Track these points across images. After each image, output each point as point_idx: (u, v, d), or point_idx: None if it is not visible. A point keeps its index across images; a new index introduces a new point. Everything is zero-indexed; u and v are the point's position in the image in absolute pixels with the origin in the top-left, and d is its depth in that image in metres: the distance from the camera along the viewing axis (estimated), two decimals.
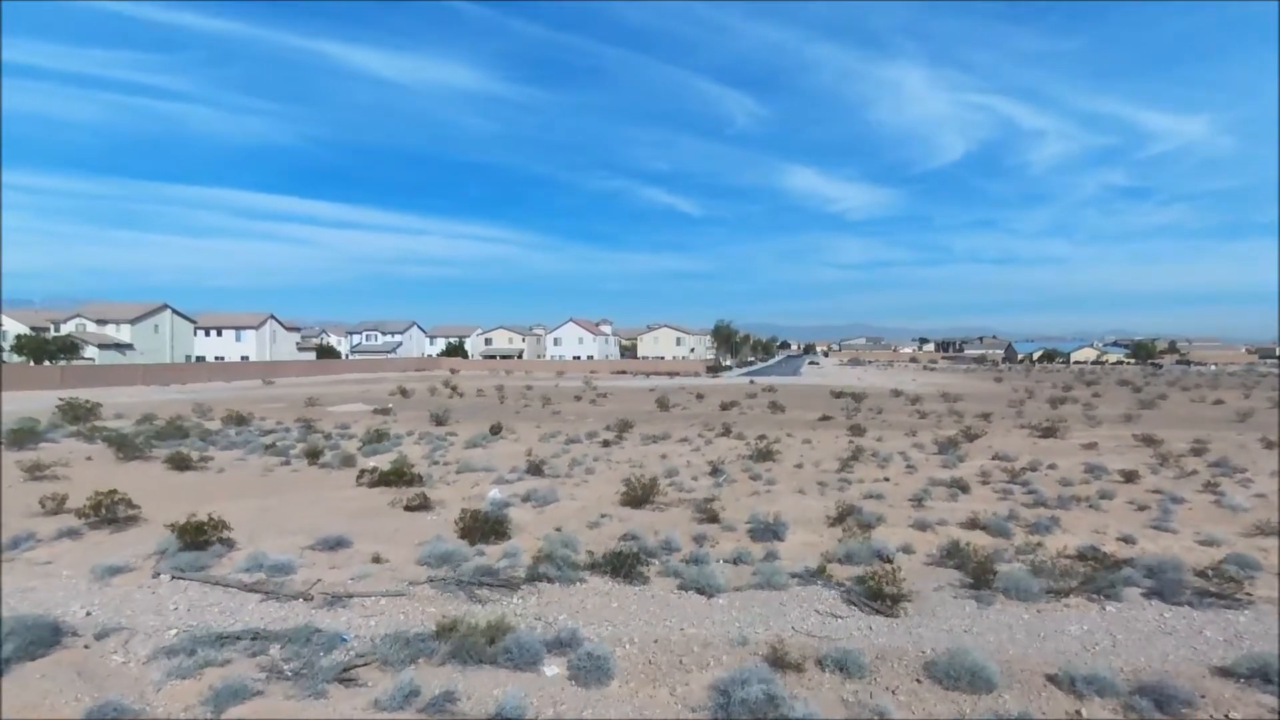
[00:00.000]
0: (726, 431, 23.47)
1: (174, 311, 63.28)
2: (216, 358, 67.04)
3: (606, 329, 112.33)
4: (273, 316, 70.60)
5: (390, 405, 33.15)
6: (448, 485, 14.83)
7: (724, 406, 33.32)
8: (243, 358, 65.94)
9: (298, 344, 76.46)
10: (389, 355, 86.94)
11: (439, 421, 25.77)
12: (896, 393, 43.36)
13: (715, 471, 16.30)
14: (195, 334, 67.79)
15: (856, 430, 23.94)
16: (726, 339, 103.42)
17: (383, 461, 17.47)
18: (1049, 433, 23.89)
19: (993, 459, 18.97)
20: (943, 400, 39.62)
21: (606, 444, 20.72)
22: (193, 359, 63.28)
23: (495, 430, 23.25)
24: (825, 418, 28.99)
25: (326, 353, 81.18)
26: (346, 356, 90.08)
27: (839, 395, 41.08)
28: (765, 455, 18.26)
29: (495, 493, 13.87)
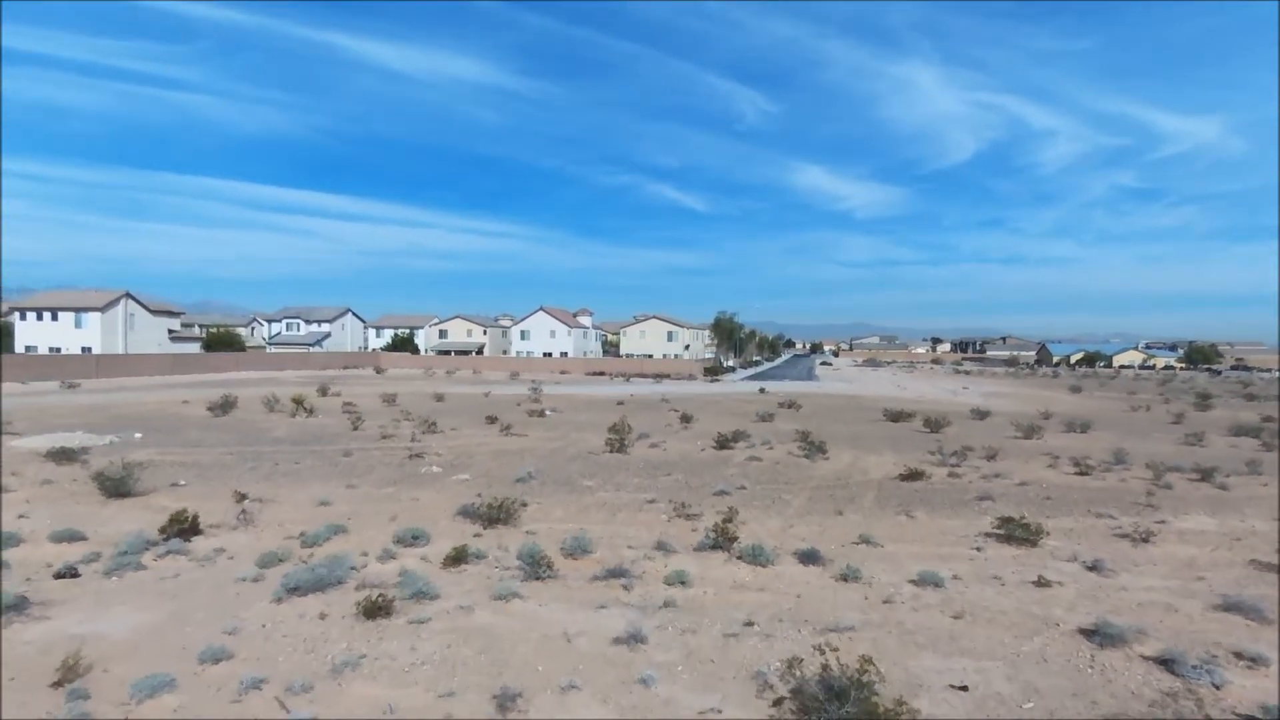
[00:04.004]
0: (722, 537, 10.39)
1: None
2: (52, 349, 53.43)
3: (586, 320, 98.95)
4: (129, 296, 56.19)
5: (137, 435, 20.07)
6: None
7: (720, 443, 20.33)
8: (84, 349, 52.46)
9: (173, 332, 62.57)
10: (310, 348, 73.54)
11: (115, 490, 12.69)
12: (980, 413, 30.42)
13: None
14: (24, 317, 54.01)
15: (1016, 529, 10.95)
16: (729, 334, 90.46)
17: None
18: None
19: None
20: (1063, 427, 26.63)
21: (381, 610, 7.60)
22: None
23: (183, 527, 10.24)
24: (912, 474, 15.99)
25: (221, 343, 67.51)
26: (265, 348, 76.80)
27: (898, 417, 28.12)
28: (844, 696, 5.26)
29: None
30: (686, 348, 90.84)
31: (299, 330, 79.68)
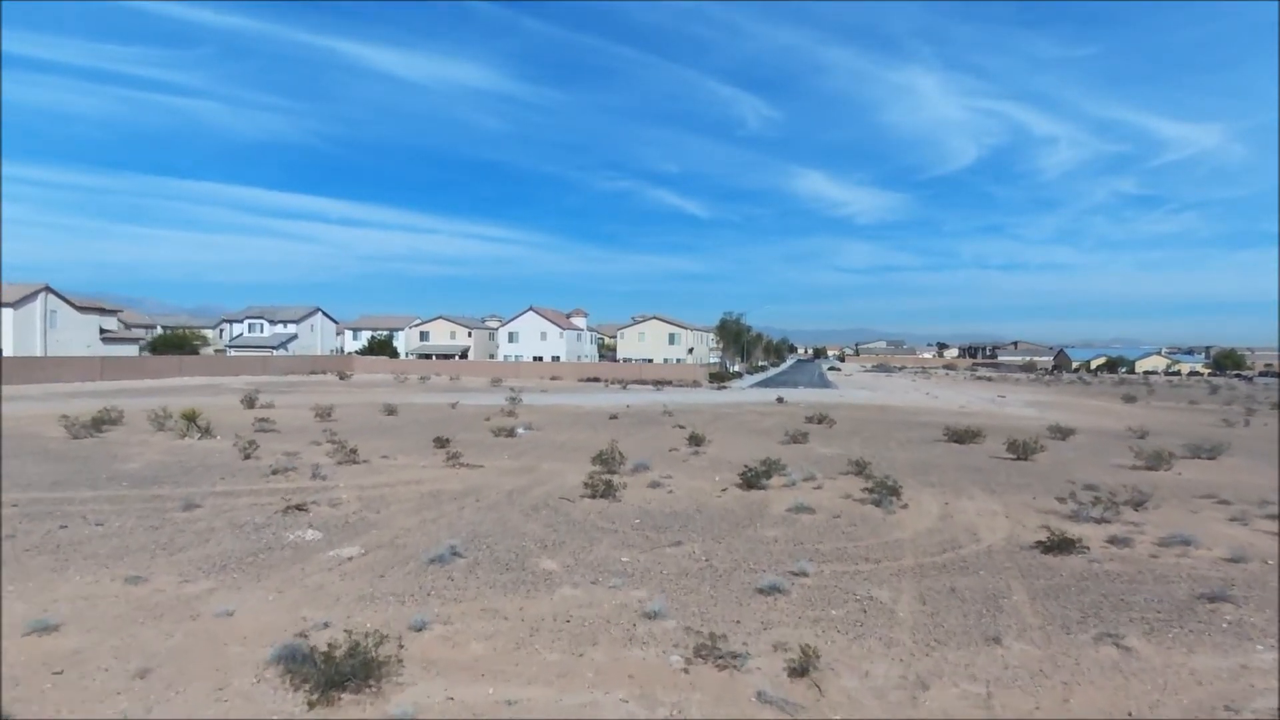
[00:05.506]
0: None
1: None
2: None
3: (580, 322, 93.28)
4: (50, 290, 49.99)
5: None
6: None
7: (748, 480, 14.73)
8: None
9: (106, 332, 56.59)
10: (274, 351, 67.85)
11: None
12: (1060, 432, 24.81)
13: None
14: None
15: None
16: (735, 338, 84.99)
17: None
18: None
19: None
20: (1184, 452, 21.02)
21: None
22: None
23: None
24: (1057, 543, 10.38)
25: (170, 345, 61.80)
26: (225, 350, 71.20)
27: (963, 438, 22.56)
28: None
29: None
30: (690, 351, 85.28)
31: (262, 332, 73.90)
